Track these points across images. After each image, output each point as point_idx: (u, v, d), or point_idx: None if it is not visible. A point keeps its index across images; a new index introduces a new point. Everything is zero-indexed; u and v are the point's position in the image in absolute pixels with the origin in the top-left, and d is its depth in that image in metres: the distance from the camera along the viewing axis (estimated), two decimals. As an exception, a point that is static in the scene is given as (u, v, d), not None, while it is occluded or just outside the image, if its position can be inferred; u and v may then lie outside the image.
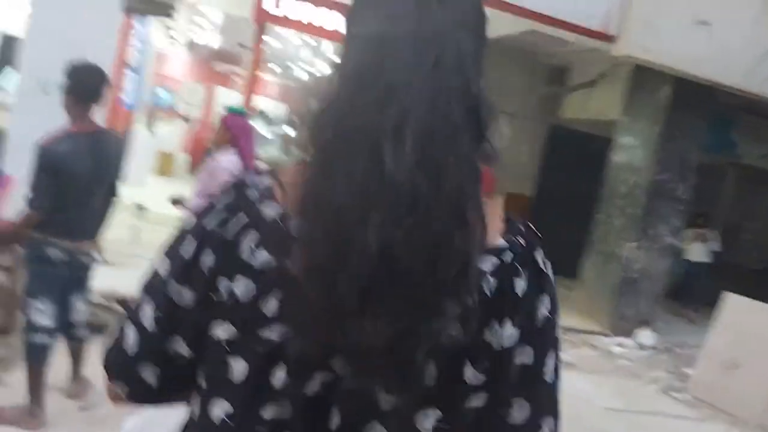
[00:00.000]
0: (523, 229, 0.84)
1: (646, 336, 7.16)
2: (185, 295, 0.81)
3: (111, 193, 3.17)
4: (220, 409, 0.79)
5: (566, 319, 7.29)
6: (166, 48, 15.35)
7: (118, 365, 0.86)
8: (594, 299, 7.60)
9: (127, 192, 8.81)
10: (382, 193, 0.69)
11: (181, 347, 0.83)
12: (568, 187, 9.00)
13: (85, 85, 2.90)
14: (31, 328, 2.93)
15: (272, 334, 0.76)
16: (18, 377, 3.13)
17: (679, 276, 8.81)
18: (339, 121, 0.72)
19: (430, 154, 0.70)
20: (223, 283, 0.79)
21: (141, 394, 0.86)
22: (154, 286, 0.84)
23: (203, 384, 0.82)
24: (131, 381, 0.85)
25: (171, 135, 12.93)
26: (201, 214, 0.83)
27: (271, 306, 0.76)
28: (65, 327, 3.16)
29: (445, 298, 0.71)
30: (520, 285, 0.79)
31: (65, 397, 3.31)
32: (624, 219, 7.46)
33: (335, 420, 0.77)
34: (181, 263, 0.82)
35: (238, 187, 0.83)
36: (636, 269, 7.33)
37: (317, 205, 0.71)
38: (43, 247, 2.88)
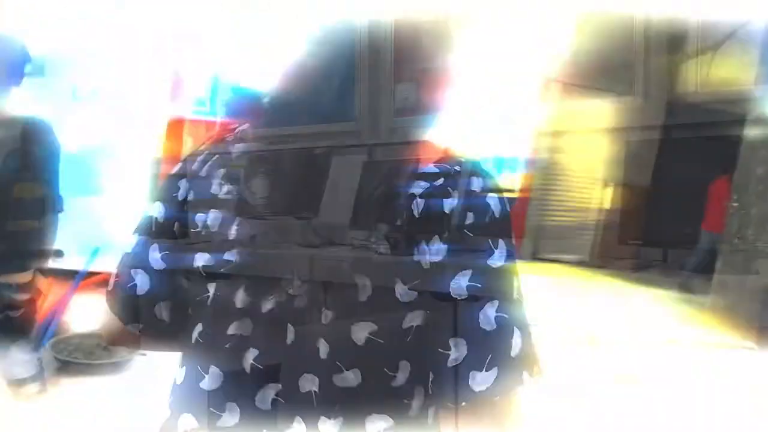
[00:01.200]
0: (462, 160, 0.96)
1: (805, 350, 5.90)
2: (179, 231, 0.94)
3: (48, 204, 2.40)
4: (196, 330, 0.93)
5: (700, 332, 6.26)
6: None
7: (130, 308, 0.96)
8: (734, 307, 6.43)
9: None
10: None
11: (181, 280, 0.95)
12: (691, 173, 7.93)
13: None
14: None
15: (232, 255, 0.90)
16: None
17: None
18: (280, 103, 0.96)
19: None
20: (199, 216, 0.93)
21: (155, 332, 0.98)
22: (153, 228, 0.96)
23: (191, 311, 0.94)
24: (146, 320, 0.96)
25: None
26: (188, 159, 0.97)
27: (232, 231, 0.91)
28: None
29: (376, 219, 0.85)
30: (449, 204, 0.90)
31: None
32: (765, 207, 6.31)
33: (290, 336, 0.89)
34: (176, 203, 0.95)
35: (222, 135, 0.99)
36: (787, 268, 6.10)
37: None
38: None
